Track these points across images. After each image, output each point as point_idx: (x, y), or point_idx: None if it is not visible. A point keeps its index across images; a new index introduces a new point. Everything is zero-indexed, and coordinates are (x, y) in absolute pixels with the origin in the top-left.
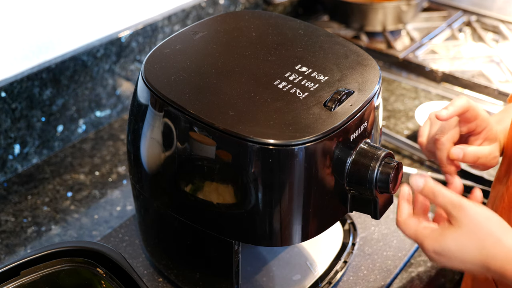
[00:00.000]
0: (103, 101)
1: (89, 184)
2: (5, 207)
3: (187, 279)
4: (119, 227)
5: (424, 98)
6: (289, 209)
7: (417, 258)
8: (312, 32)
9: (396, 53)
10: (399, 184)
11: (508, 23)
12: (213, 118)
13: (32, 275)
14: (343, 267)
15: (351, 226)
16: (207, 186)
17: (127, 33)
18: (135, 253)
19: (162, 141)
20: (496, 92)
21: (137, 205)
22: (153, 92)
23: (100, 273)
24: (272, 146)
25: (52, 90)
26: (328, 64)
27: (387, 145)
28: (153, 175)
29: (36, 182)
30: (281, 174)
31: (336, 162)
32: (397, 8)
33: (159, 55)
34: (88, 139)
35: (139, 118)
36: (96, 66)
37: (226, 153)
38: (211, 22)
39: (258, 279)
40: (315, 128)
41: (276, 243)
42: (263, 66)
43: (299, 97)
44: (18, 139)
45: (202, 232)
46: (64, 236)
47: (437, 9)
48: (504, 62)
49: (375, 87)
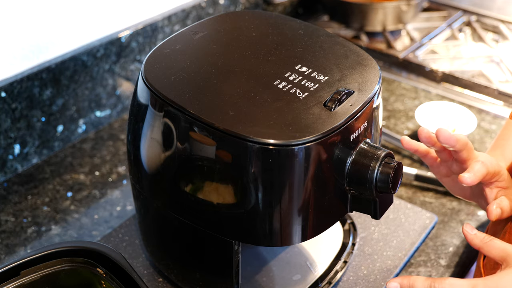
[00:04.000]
0: (103, 101)
1: (89, 184)
2: (5, 207)
3: (187, 279)
4: (119, 227)
5: (424, 98)
6: (289, 209)
7: (417, 258)
8: (312, 32)
9: (396, 53)
10: (399, 184)
11: (508, 23)
12: (213, 118)
13: (32, 275)
14: (343, 267)
15: (351, 226)
16: (207, 186)
17: (127, 33)
18: (135, 253)
19: (162, 141)
20: (496, 92)
21: (137, 205)
22: (153, 92)
23: (100, 273)
24: (272, 146)
25: (52, 90)
26: (328, 64)
27: (387, 145)
28: (153, 175)
29: (36, 182)
30: (281, 174)
31: (336, 162)
32: (397, 8)
33: (159, 55)
34: (88, 139)
35: (139, 118)
36: (96, 66)
37: (226, 153)
38: (211, 22)
39: (258, 279)
40: (315, 128)
41: (276, 243)
42: (263, 66)
43: (299, 97)
44: (18, 139)
45: (202, 232)
46: (64, 236)
47: (437, 9)
48: (504, 62)
49: (375, 87)
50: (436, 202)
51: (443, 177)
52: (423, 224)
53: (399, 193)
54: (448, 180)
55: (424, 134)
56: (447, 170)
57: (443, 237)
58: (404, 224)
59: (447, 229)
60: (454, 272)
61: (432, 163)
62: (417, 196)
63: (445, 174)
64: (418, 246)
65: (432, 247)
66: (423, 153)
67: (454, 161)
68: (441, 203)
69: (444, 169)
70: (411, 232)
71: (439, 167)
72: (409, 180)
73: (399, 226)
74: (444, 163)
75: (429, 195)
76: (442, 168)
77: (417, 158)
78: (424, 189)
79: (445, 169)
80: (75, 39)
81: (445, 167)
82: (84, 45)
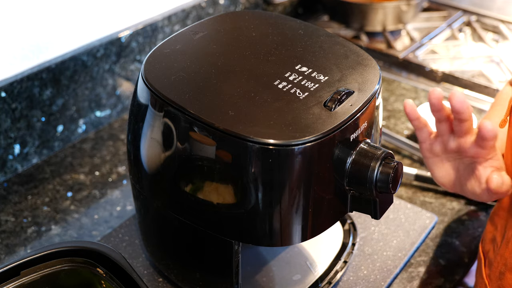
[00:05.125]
0: (103, 101)
1: (89, 184)
2: (5, 207)
3: (187, 279)
4: (119, 227)
5: (424, 98)
6: (289, 209)
7: (417, 258)
8: (312, 32)
9: (396, 53)
10: (399, 184)
11: (508, 23)
12: (213, 118)
13: (32, 275)
14: (343, 267)
15: (351, 226)
16: (207, 186)
17: (127, 33)
18: (135, 253)
19: (162, 141)
20: (496, 92)
21: (137, 205)
22: (153, 92)
23: (100, 273)
24: (272, 146)
25: (52, 90)
26: (328, 64)
27: (387, 145)
28: (153, 175)
29: (36, 182)
30: (281, 174)
31: (336, 162)
32: (397, 8)
33: (159, 55)
34: (88, 139)
35: (139, 118)
36: (96, 66)
37: (226, 153)
38: (211, 22)
39: (258, 279)
40: (315, 128)
41: (276, 243)
42: (263, 66)
43: (299, 97)
44: (18, 139)
45: (202, 232)
46: (64, 236)
47: (437, 9)
48: (504, 62)
49: (375, 87)
50: (436, 202)
51: (433, 157)
52: (423, 224)
53: (399, 193)
54: (435, 160)
55: (436, 94)
56: (441, 146)
57: (443, 237)
58: (404, 224)
59: (447, 229)
60: (454, 272)
61: (426, 138)
62: (417, 196)
63: (437, 151)
64: (418, 246)
65: (432, 247)
66: (422, 124)
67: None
68: (441, 203)
69: (438, 146)
70: (411, 232)
71: (432, 144)
72: (409, 180)
73: (399, 226)
74: (439, 138)
75: (429, 195)
76: (436, 145)
77: (417, 158)
78: (424, 189)
79: (439, 146)
80: (75, 39)
81: (439, 142)
82: (84, 45)
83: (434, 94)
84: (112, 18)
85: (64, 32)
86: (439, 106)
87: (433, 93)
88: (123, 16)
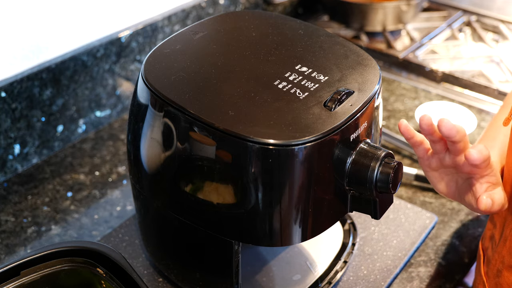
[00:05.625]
0: (103, 101)
1: (89, 184)
2: (5, 207)
3: (187, 279)
4: (119, 227)
5: (424, 98)
6: (289, 209)
7: (417, 258)
8: (312, 32)
9: (396, 53)
10: (399, 184)
11: (508, 23)
12: (213, 118)
13: (32, 275)
14: (343, 267)
15: (351, 226)
16: (207, 186)
17: (127, 33)
18: (135, 253)
19: (162, 141)
20: (496, 92)
21: (137, 205)
22: (153, 92)
23: (100, 273)
24: (272, 146)
25: (52, 90)
26: (328, 64)
27: (387, 145)
28: (153, 175)
29: (36, 182)
30: (281, 174)
31: (336, 162)
32: (397, 8)
33: (159, 55)
34: (88, 139)
35: (139, 118)
36: (96, 66)
37: (226, 153)
38: (211, 22)
39: (258, 279)
40: (315, 128)
41: (276, 243)
42: (263, 66)
43: (299, 97)
44: (18, 139)
45: (202, 232)
46: (64, 236)
47: (437, 9)
48: (504, 62)
49: (375, 87)
50: (436, 202)
51: (432, 171)
52: (423, 224)
53: (399, 193)
54: (435, 174)
55: (425, 121)
56: (438, 163)
57: (443, 237)
58: (404, 224)
59: (447, 229)
60: (454, 272)
61: (423, 154)
62: (417, 196)
63: (434, 167)
64: (418, 246)
65: (432, 247)
66: (418, 142)
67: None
68: (441, 203)
69: (435, 162)
70: (411, 232)
71: (429, 160)
72: (409, 180)
73: (399, 226)
74: (436, 155)
75: (429, 195)
76: (433, 161)
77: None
78: (424, 189)
79: (435, 162)
80: (75, 39)
81: (436, 159)
82: (84, 45)
83: (423, 120)
84: (112, 18)
85: (64, 32)
86: (430, 131)
87: (422, 119)
88: (123, 16)
